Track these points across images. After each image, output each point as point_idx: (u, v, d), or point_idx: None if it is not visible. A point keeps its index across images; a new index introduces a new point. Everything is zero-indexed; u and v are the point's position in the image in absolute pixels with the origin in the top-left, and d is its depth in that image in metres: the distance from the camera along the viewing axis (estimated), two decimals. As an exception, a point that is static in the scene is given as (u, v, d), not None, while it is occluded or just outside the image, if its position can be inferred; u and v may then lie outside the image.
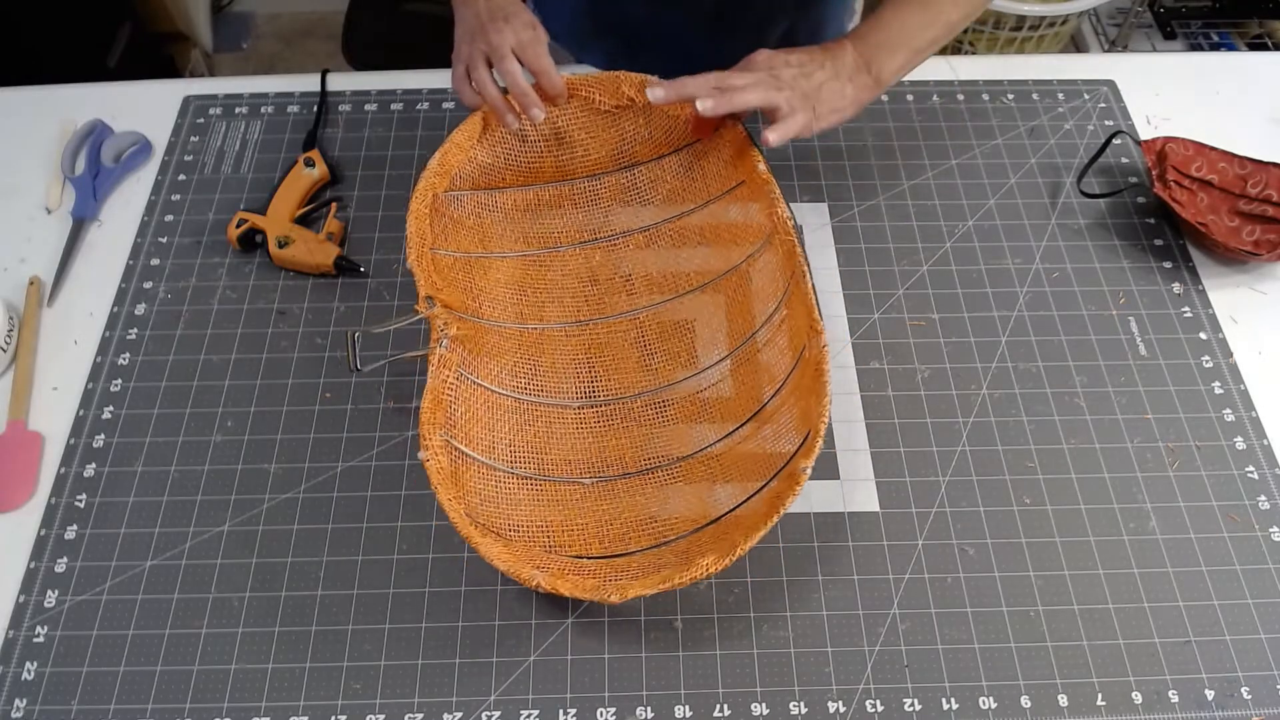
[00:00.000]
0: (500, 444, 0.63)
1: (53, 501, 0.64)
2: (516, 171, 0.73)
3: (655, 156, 0.75)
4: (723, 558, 0.53)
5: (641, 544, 0.60)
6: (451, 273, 0.68)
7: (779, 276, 0.66)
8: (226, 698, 0.58)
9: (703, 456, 0.64)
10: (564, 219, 0.75)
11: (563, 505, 0.63)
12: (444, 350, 0.61)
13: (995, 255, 0.77)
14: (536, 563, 0.57)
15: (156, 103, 0.86)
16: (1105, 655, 0.59)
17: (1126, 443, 0.68)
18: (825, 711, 0.57)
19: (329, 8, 2.15)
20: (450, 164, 0.70)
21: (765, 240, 0.69)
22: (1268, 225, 0.77)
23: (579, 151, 0.74)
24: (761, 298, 0.68)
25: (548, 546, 0.60)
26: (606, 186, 0.76)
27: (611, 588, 0.53)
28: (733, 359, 0.68)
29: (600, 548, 0.60)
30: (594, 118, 0.73)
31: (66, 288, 0.75)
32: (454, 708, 0.57)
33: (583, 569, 0.58)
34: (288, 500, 0.65)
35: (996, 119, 0.86)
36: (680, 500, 0.62)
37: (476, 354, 0.65)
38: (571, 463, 0.65)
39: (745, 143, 0.70)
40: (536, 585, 0.53)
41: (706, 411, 0.67)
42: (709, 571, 0.53)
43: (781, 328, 0.66)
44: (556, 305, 0.72)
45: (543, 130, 0.73)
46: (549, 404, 0.67)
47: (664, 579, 0.53)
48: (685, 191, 0.75)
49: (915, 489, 0.65)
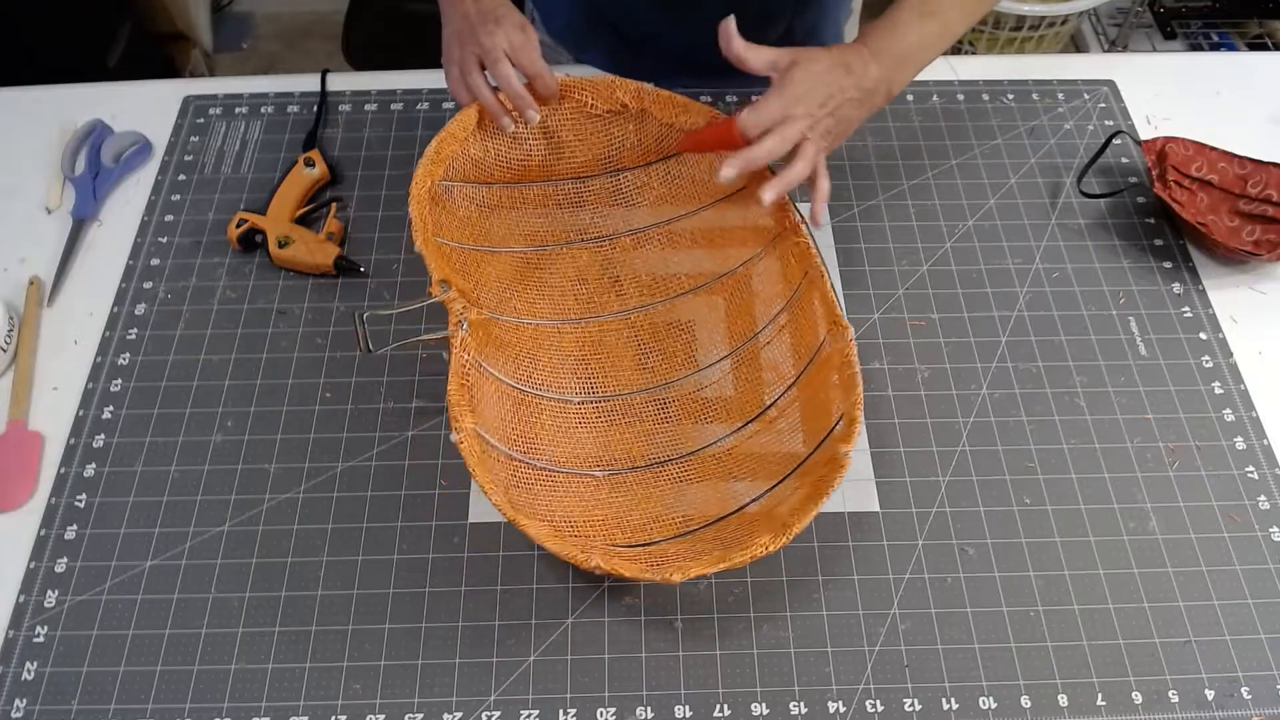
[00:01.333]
0: (511, 434, 0.63)
1: (53, 501, 0.64)
2: (505, 169, 0.73)
3: (642, 164, 0.75)
4: (778, 537, 0.54)
5: (665, 534, 0.60)
6: (456, 261, 0.68)
7: (786, 278, 0.66)
8: (226, 698, 0.58)
9: (712, 451, 0.65)
10: (550, 219, 0.75)
11: (578, 497, 0.62)
12: (465, 333, 0.60)
13: (995, 255, 0.77)
14: (579, 545, 0.56)
15: (156, 103, 0.86)
16: (1105, 655, 0.59)
17: (1126, 443, 0.68)
18: (825, 711, 0.57)
19: (329, 8, 2.15)
20: (446, 153, 0.69)
21: (770, 243, 0.69)
22: (1268, 225, 0.77)
23: (565, 153, 0.74)
24: (764, 299, 0.68)
25: (575, 534, 0.59)
26: (592, 190, 0.76)
27: (670, 568, 0.53)
28: (734, 359, 0.68)
29: (624, 537, 0.60)
30: (585, 121, 0.73)
31: (66, 288, 0.75)
32: (454, 708, 0.57)
33: (621, 555, 0.57)
34: (288, 500, 0.65)
35: (996, 119, 0.86)
36: (696, 493, 0.63)
37: (485, 343, 0.65)
38: (579, 456, 0.65)
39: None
40: (595, 567, 0.53)
41: (709, 409, 0.67)
42: (767, 550, 0.54)
43: (787, 328, 0.66)
44: (549, 303, 0.72)
45: (532, 129, 0.73)
46: (551, 398, 0.67)
47: (721, 558, 0.53)
48: (674, 197, 0.75)
49: (915, 489, 0.65)
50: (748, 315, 0.69)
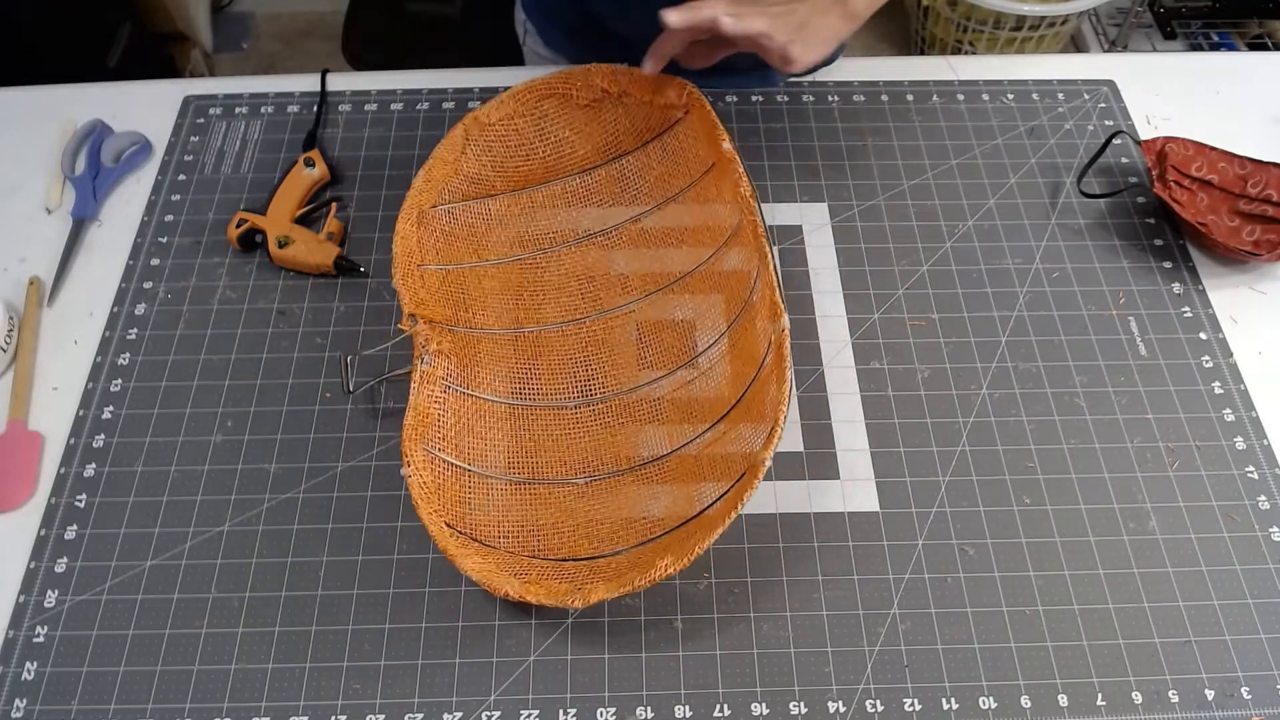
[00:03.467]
0: (493, 451, 0.64)
1: (53, 501, 0.64)
2: (506, 178, 0.74)
3: (640, 144, 0.75)
4: (680, 559, 0.53)
5: (628, 542, 0.60)
6: (444, 286, 0.69)
7: (752, 259, 0.66)
8: (226, 698, 0.58)
9: (685, 454, 0.64)
10: (558, 218, 0.76)
11: (556, 507, 0.63)
12: (425, 367, 0.62)
13: (995, 255, 0.77)
14: (518, 569, 0.57)
15: (156, 103, 0.86)
16: (1105, 655, 0.59)
17: (1126, 443, 0.68)
18: (825, 711, 0.57)
19: (329, 8, 2.16)
20: (436, 178, 0.70)
21: (736, 225, 0.68)
22: (1268, 225, 0.77)
23: (566, 150, 0.75)
24: (746, 279, 0.68)
25: (535, 551, 0.60)
26: (598, 180, 0.76)
27: (577, 594, 0.54)
28: (719, 349, 0.68)
29: (589, 548, 0.60)
30: (575, 113, 0.74)
31: (66, 288, 0.75)
32: (454, 708, 0.57)
33: (563, 572, 0.58)
34: (288, 500, 0.65)
35: (996, 119, 0.86)
36: (667, 498, 0.63)
37: (468, 364, 0.66)
38: (566, 463, 0.65)
39: (713, 123, 0.70)
40: (505, 595, 0.54)
41: (695, 406, 0.67)
42: (666, 573, 0.53)
43: (760, 311, 0.65)
44: (554, 305, 0.72)
45: (527, 135, 0.74)
46: (545, 406, 0.67)
47: (625, 582, 0.53)
48: (671, 176, 0.75)
49: (915, 489, 0.65)
50: (736, 303, 0.68)
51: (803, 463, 0.66)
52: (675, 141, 0.74)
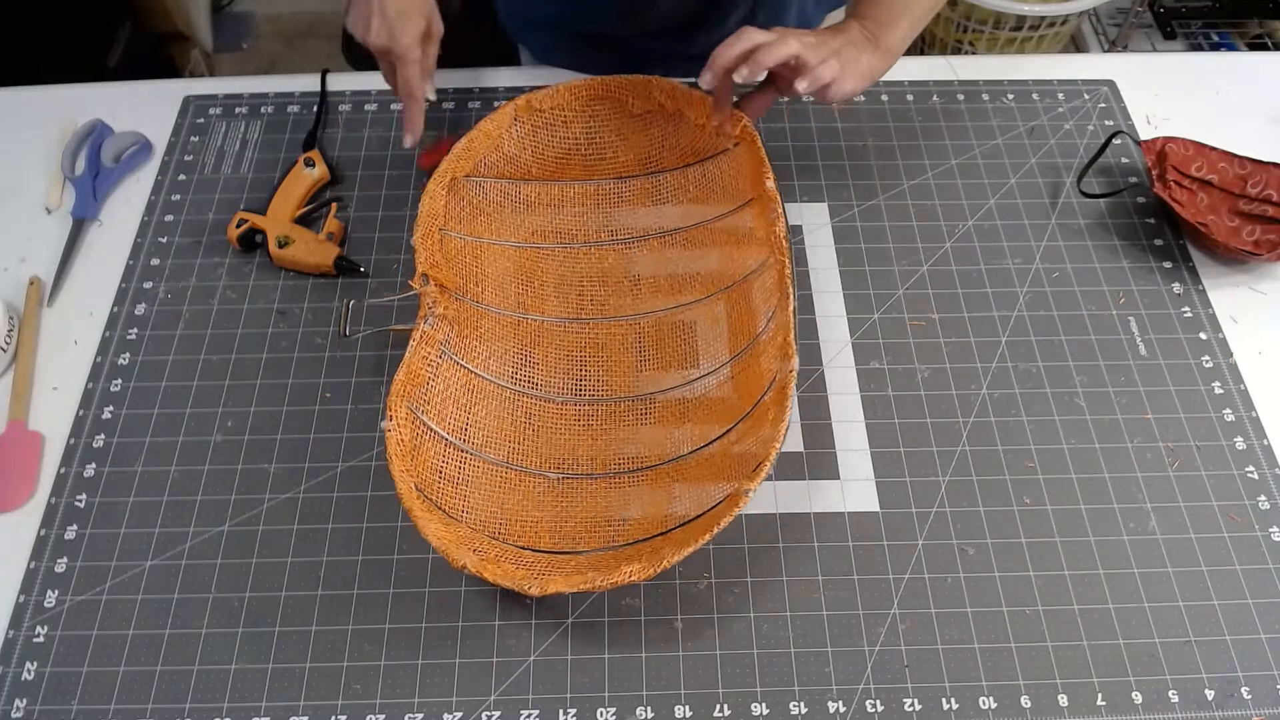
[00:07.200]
0: (474, 427, 0.64)
1: (53, 501, 0.64)
2: (543, 166, 0.74)
3: (680, 165, 0.75)
4: (648, 567, 0.53)
5: (591, 545, 0.60)
6: (459, 255, 0.69)
7: (773, 294, 0.66)
8: (226, 698, 0.58)
9: (664, 470, 0.64)
10: (584, 217, 0.76)
11: (523, 495, 0.63)
12: (428, 327, 0.62)
13: (995, 255, 0.77)
14: (475, 546, 0.57)
15: (156, 103, 0.86)
16: (1105, 655, 0.59)
17: (1126, 443, 0.68)
18: (825, 711, 0.57)
19: (329, 8, 2.16)
20: (476, 150, 0.71)
21: (763, 262, 0.68)
22: (1268, 225, 0.77)
23: (608, 154, 0.75)
24: (760, 313, 0.68)
25: (496, 533, 0.60)
26: (632, 190, 0.76)
27: (535, 583, 0.53)
28: (722, 373, 0.68)
29: (550, 542, 0.60)
30: (626, 121, 0.74)
31: (66, 288, 0.75)
32: (454, 708, 0.57)
33: (522, 560, 0.58)
34: (288, 500, 0.65)
35: (996, 119, 0.86)
36: (638, 507, 0.62)
37: (468, 336, 0.66)
38: (543, 456, 0.65)
39: (761, 159, 0.69)
40: (463, 567, 0.54)
41: (684, 427, 0.66)
42: (631, 579, 0.53)
43: (768, 347, 0.66)
44: (560, 300, 0.72)
45: (573, 130, 0.74)
46: (534, 395, 0.67)
47: (587, 580, 0.53)
48: (705, 201, 0.75)
49: (915, 489, 0.65)
50: (745, 328, 0.68)
51: (803, 462, 0.66)
52: (717, 170, 0.74)
